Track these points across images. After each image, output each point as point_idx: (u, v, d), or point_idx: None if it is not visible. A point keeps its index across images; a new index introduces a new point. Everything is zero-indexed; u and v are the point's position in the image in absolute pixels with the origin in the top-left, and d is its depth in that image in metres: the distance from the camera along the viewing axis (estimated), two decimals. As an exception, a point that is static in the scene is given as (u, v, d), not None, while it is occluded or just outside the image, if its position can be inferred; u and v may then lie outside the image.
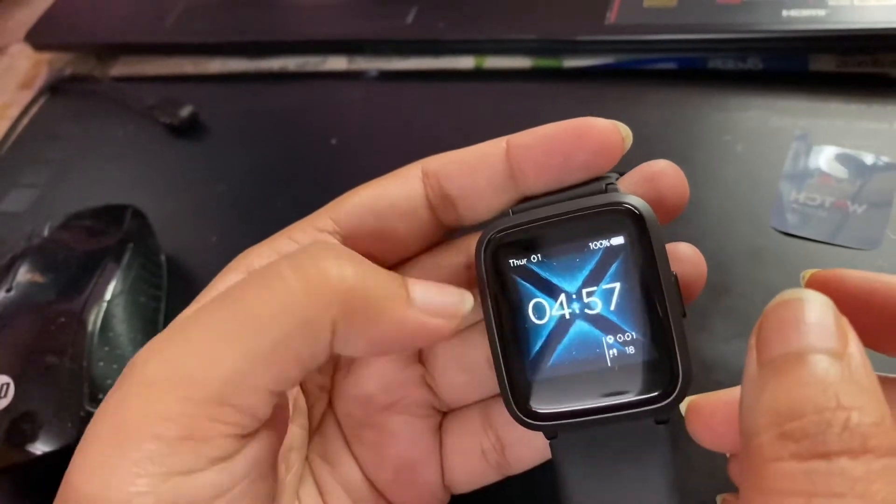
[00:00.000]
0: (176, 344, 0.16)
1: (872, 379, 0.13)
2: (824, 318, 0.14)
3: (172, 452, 0.15)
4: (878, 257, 0.29)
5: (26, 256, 0.31)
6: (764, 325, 0.15)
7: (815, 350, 0.14)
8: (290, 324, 0.16)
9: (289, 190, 0.39)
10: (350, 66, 0.44)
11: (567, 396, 0.19)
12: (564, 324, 0.19)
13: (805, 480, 0.12)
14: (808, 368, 0.13)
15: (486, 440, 0.23)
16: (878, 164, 0.32)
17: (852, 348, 0.14)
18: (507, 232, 0.20)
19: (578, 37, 0.39)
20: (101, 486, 0.15)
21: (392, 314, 0.18)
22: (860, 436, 0.12)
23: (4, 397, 0.27)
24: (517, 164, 0.20)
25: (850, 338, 0.14)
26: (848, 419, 0.13)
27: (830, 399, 0.13)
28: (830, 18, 0.34)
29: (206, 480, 0.16)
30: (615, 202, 0.19)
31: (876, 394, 0.13)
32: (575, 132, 0.20)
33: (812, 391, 0.13)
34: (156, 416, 0.15)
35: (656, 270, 0.19)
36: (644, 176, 0.21)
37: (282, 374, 0.17)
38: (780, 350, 0.14)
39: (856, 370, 0.13)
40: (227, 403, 0.16)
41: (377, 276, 0.18)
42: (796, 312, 0.14)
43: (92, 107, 0.46)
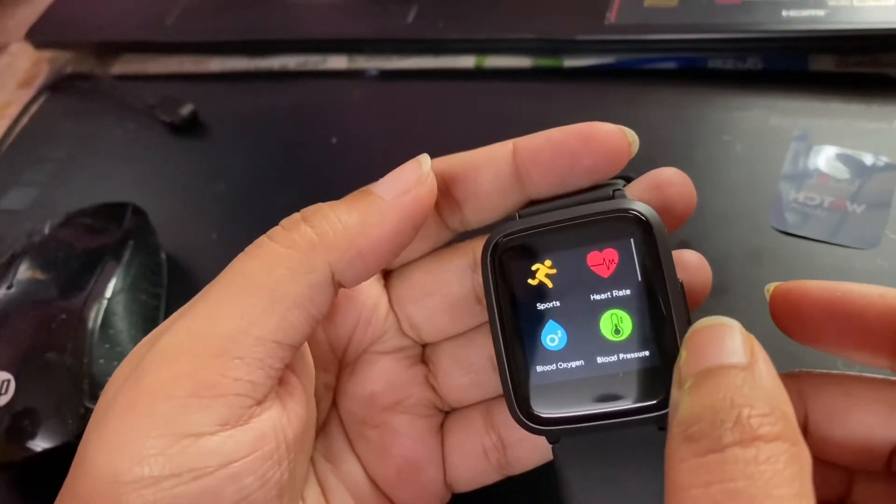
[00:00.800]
0: (182, 318, 0.17)
1: (774, 382, 0.15)
2: (732, 339, 0.16)
3: (183, 411, 0.16)
4: (876, 256, 0.29)
5: (27, 254, 0.31)
6: (682, 352, 0.16)
7: (722, 365, 0.15)
8: (281, 274, 0.17)
9: (289, 188, 0.39)
10: (350, 65, 0.44)
11: (570, 401, 0.19)
12: (569, 329, 0.19)
13: (703, 472, 0.14)
14: (715, 380, 0.15)
15: (487, 440, 0.23)
16: (878, 163, 0.32)
17: (759, 363, 0.15)
18: (513, 236, 0.20)
19: (579, 36, 0.39)
20: (114, 450, 0.16)
21: (370, 222, 0.19)
22: (749, 427, 0.14)
23: (5, 394, 0.27)
24: (523, 166, 0.20)
25: (757, 354, 0.15)
26: (739, 414, 0.14)
27: (726, 401, 0.14)
28: (830, 18, 0.35)
29: (213, 445, 0.16)
30: (622, 209, 0.19)
31: (772, 391, 0.15)
32: (581, 136, 0.20)
33: (713, 398, 0.15)
34: (168, 377, 0.16)
35: (663, 277, 0.19)
36: (652, 183, 0.21)
37: (284, 323, 0.17)
38: (693, 370, 0.16)
39: (759, 379, 0.15)
40: (234, 356, 0.17)
41: (347, 208, 0.19)
42: (708, 337, 0.16)
43: (92, 105, 0.46)
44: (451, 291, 0.23)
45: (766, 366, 0.15)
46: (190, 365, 0.16)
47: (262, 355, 0.17)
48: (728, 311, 0.29)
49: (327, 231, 0.18)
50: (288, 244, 0.18)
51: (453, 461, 0.23)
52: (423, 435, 0.23)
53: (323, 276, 0.18)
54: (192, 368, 0.16)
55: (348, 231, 0.18)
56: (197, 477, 0.16)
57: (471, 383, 0.23)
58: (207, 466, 0.16)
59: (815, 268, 0.29)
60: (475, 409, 0.23)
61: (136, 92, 0.45)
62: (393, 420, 0.23)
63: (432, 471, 0.23)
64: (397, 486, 0.23)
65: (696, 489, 0.14)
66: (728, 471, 0.13)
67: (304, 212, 0.19)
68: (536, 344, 0.20)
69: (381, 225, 0.19)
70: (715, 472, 0.14)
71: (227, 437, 0.16)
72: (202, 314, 0.17)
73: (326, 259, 0.18)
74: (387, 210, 0.19)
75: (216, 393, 0.16)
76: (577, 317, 0.19)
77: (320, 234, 0.18)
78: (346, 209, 0.19)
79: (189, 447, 0.16)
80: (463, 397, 0.23)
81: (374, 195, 0.19)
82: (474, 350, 0.23)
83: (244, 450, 0.17)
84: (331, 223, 0.18)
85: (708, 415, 0.14)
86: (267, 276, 0.17)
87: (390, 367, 0.23)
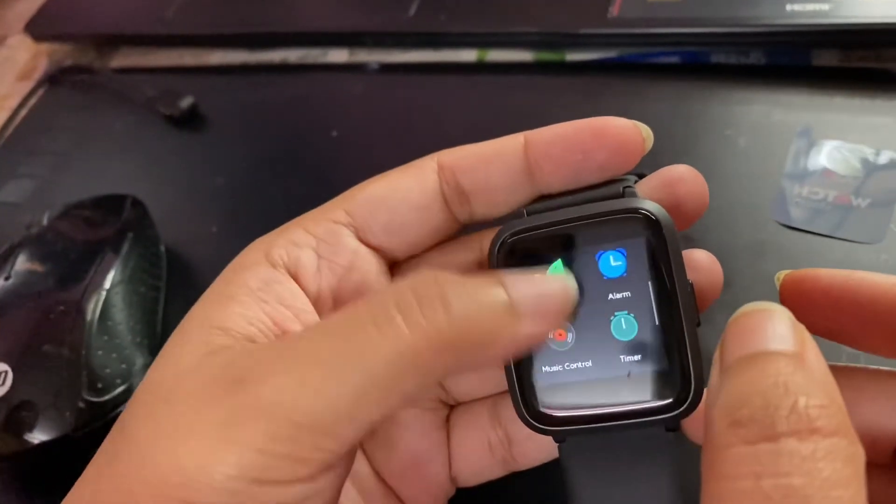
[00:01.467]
0: (286, 372, 0.16)
1: (827, 375, 0.14)
2: (780, 325, 0.15)
3: (270, 466, 0.16)
4: (881, 251, 0.29)
5: (25, 245, 0.31)
6: (725, 337, 0.15)
7: (769, 351, 0.14)
8: (400, 368, 0.16)
9: (289, 182, 0.38)
10: (351, 58, 0.44)
11: (577, 401, 0.19)
12: (577, 329, 0.19)
13: (753, 462, 0.13)
14: (761, 365, 0.14)
15: (493, 435, 0.22)
16: (882, 158, 0.32)
17: (809, 353, 0.14)
18: (521, 234, 0.20)
19: (581, 30, 0.39)
20: (189, 472, 0.15)
21: (502, 341, 0.17)
22: (807, 417, 0.13)
23: (2, 385, 0.27)
24: (535, 159, 0.20)
25: (807, 344, 0.14)
26: (795, 403, 0.13)
27: (779, 387, 0.13)
28: (834, 13, 0.34)
29: (288, 493, 0.16)
30: (633, 208, 0.19)
31: (827, 384, 0.14)
32: (594, 130, 0.19)
33: (763, 383, 0.14)
34: (264, 433, 0.16)
35: (672, 278, 0.18)
36: (663, 181, 0.20)
37: (386, 411, 0.17)
38: (737, 354, 0.15)
39: (812, 369, 0.14)
40: (330, 433, 0.16)
41: (484, 307, 0.17)
42: (754, 322, 0.15)
43: (91, 98, 0.46)
44: None
45: (818, 356, 0.14)
46: (290, 429, 0.16)
47: (355, 435, 0.17)
48: (731, 304, 0.29)
49: (458, 329, 0.16)
50: (420, 334, 0.16)
51: (458, 455, 0.23)
52: (428, 429, 0.23)
53: (441, 377, 0.17)
54: (290, 435, 0.16)
55: (476, 335, 0.17)
56: None
57: (477, 378, 0.23)
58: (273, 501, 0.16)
59: (819, 262, 0.29)
60: (481, 405, 0.23)
61: (135, 85, 0.44)
62: (398, 413, 0.23)
63: (437, 465, 0.23)
64: (402, 479, 0.23)
65: (746, 481, 0.13)
66: (783, 464, 0.12)
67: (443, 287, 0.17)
68: (544, 343, 0.19)
69: (506, 348, 0.17)
70: (767, 463, 0.12)
71: (301, 488, 0.16)
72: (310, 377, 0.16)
73: (446, 365, 0.17)
74: (518, 335, 0.17)
75: (303, 459, 0.16)
76: (586, 316, 0.19)
77: (453, 328, 0.16)
78: (485, 310, 0.17)
79: (262, 489, 0.16)
80: (469, 392, 0.23)
81: (515, 311, 0.17)
82: None
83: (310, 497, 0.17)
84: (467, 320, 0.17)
85: (758, 399, 0.13)
86: (392, 369, 0.16)
87: None
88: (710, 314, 0.20)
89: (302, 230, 0.21)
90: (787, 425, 0.13)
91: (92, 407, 0.27)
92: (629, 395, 0.19)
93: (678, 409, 0.18)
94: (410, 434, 0.22)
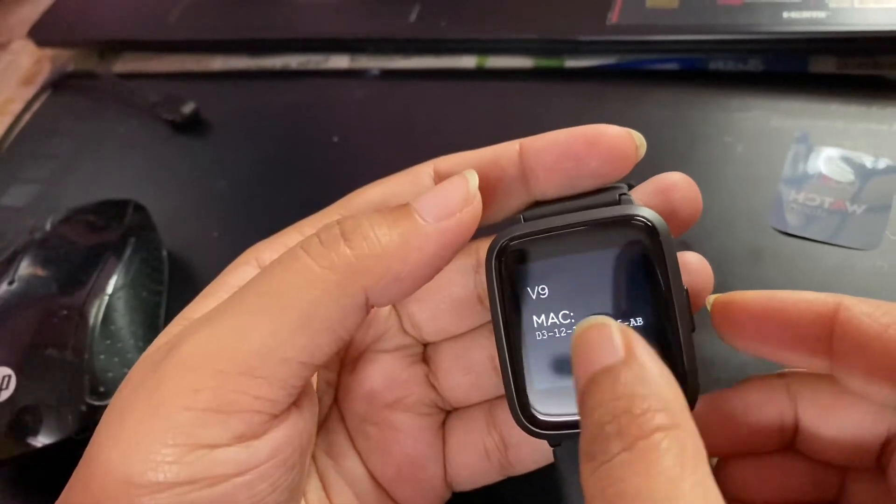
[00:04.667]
0: (209, 325, 0.17)
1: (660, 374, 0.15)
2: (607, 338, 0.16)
3: (201, 424, 0.16)
4: (877, 258, 0.29)
5: (28, 250, 0.32)
6: None
7: (600, 370, 0.15)
8: (316, 296, 0.17)
9: (290, 187, 0.39)
10: (352, 64, 0.44)
11: (572, 405, 0.19)
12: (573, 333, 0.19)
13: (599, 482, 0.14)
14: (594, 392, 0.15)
15: (489, 440, 0.23)
16: (878, 165, 0.32)
17: (637, 353, 0.15)
18: (518, 240, 0.20)
19: (580, 37, 0.39)
20: (129, 453, 0.16)
21: (411, 245, 0.18)
22: (635, 428, 0.14)
23: (6, 389, 0.27)
24: (529, 166, 0.20)
25: (634, 345, 0.15)
26: (621, 421, 0.14)
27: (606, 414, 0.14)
28: (831, 20, 0.35)
29: (229, 455, 0.16)
30: (630, 215, 0.19)
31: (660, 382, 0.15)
32: (588, 138, 0.20)
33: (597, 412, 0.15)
34: (188, 388, 0.16)
35: (668, 284, 0.19)
36: (657, 188, 0.21)
37: (312, 345, 0.17)
38: (579, 387, 0.16)
39: (642, 371, 0.15)
40: (258, 375, 0.16)
41: (383, 225, 0.18)
42: (580, 347, 0.16)
43: (94, 103, 0.46)
44: (453, 291, 0.23)
45: (647, 355, 0.15)
46: (213, 379, 0.16)
47: (285, 375, 0.17)
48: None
49: (366, 254, 0.17)
50: (325, 264, 0.17)
51: (454, 460, 0.23)
52: (423, 433, 0.23)
53: (357, 300, 0.18)
54: (215, 383, 0.16)
55: (387, 254, 0.17)
56: (211, 484, 0.16)
57: (471, 383, 0.23)
58: (222, 474, 0.16)
59: (816, 268, 0.29)
60: (477, 409, 0.23)
61: (138, 90, 0.45)
62: (394, 418, 0.23)
63: (433, 469, 0.23)
64: (397, 483, 0.23)
65: (596, 500, 0.14)
66: (617, 474, 0.14)
67: (342, 226, 0.18)
68: (539, 348, 0.20)
69: (423, 250, 0.18)
70: (607, 477, 0.14)
71: (242, 448, 0.16)
72: (229, 325, 0.17)
73: (363, 283, 0.17)
74: (429, 234, 0.18)
75: (235, 409, 0.16)
76: (582, 321, 0.19)
77: (359, 256, 0.17)
78: (387, 229, 0.18)
79: (204, 457, 0.16)
80: (464, 397, 0.23)
81: (417, 216, 0.18)
82: (475, 350, 0.23)
83: (259, 459, 0.17)
84: (370, 244, 0.17)
85: (596, 430, 0.14)
86: (301, 295, 0.17)
87: (391, 365, 0.23)
88: (706, 319, 0.20)
89: (297, 234, 0.21)
90: (619, 445, 0.14)
91: (94, 410, 0.28)
92: None
93: None
94: (405, 438, 0.23)
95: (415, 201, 0.19)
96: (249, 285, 0.18)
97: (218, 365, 0.16)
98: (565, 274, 0.20)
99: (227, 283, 0.20)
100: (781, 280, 0.29)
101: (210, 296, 0.20)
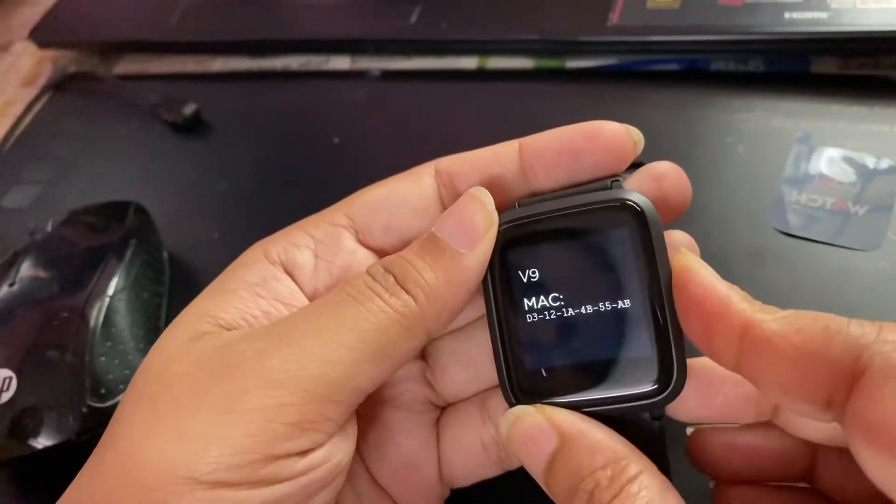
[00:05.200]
0: (292, 344, 0.18)
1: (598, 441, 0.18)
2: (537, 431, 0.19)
3: (279, 436, 0.17)
4: (879, 258, 0.29)
5: (29, 252, 0.31)
6: None
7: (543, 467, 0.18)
8: (391, 337, 0.18)
9: (291, 188, 0.39)
10: (353, 65, 0.44)
11: (566, 389, 0.19)
12: (565, 318, 0.20)
13: None
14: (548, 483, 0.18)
15: (485, 433, 0.23)
16: (880, 166, 0.32)
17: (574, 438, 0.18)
18: (510, 225, 0.20)
19: (581, 37, 0.39)
20: (197, 450, 0.16)
21: (456, 282, 0.19)
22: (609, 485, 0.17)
23: (7, 391, 0.27)
24: (529, 163, 0.21)
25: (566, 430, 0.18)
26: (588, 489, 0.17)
27: None
28: (833, 21, 0.35)
29: (289, 465, 0.17)
30: (618, 199, 0.19)
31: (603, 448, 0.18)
32: (586, 134, 0.20)
33: None
34: (275, 402, 0.17)
35: (656, 266, 0.19)
36: (650, 175, 0.21)
37: (378, 377, 0.19)
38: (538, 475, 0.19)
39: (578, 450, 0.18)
40: (335, 400, 0.18)
41: (433, 272, 0.19)
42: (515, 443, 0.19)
43: (95, 104, 0.46)
44: None
45: (582, 429, 0.18)
46: (297, 398, 0.17)
47: (353, 401, 0.19)
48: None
49: (423, 300, 0.19)
50: (396, 310, 0.19)
51: (451, 457, 0.23)
52: (417, 431, 0.23)
53: (422, 340, 0.19)
54: (299, 401, 0.17)
55: (440, 296, 0.19)
56: (270, 485, 0.17)
57: (469, 378, 0.23)
58: (283, 479, 0.17)
59: (818, 269, 0.29)
60: (470, 403, 0.23)
61: (139, 91, 0.45)
62: (389, 416, 0.23)
63: (427, 467, 0.23)
64: (394, 482, 0.23)
65: None
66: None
67: (393, 271, 0.19)
68: (533, 332, 0.20)
69: (468, 283, 0.19)
70: None
71: (306, 459, 0.18)
72: (315, 352, 0.18)
73: (425, 325, 0.19)
74: (470, 267, 0.19)
75: (310, 427, 0.18)
76: (573, 304, 0.20)
77: (420, 303, 0.19)
78: (432, 272, 0.19)
79: (272, 464, 0.17)
80: (459, 392, 0.24)
81: (452, 251, 0.19)
82: (474, 345, 0.23)
83: (311, 468, 0.18)
84: (425, 291, 0.19)
85: None
86: (379, 336, 0.18)
87: None
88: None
89: (302, 232, 0.22)
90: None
91: (95, 412, 0.28)
92: (615, 383, 0.19)
93: (661, 396, 0.19)
94: (400, 437, 0.23)
95: (441, 231, 0.20)
96: (324, 310, 0.19)
97: (304, 386, 0.17)
98: (555, 258, 0.20)
99: (244, 280, 0.21)
100: (783, 280, 0.29)
101: (227, 292, 0.20)
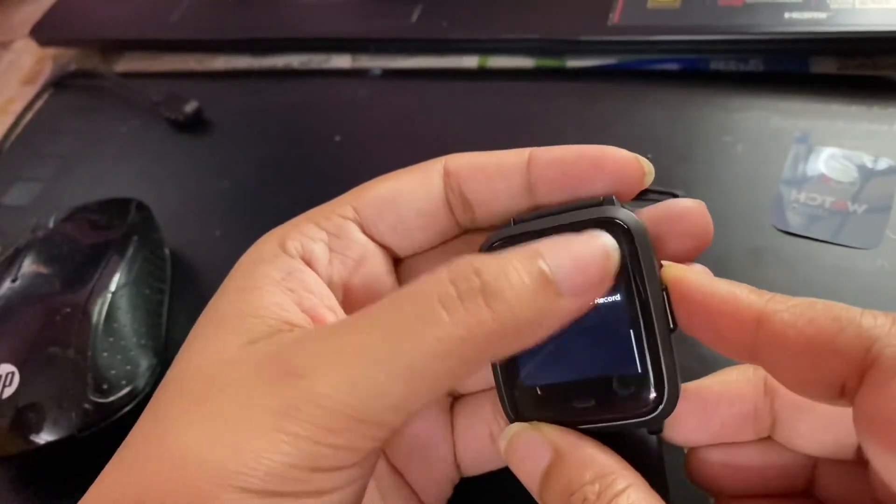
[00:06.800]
0: (344, 367, 0.17)
1: (586, 457, 0.18)
2: (534, 446, 0.19)
3: (324, 456, 0.16)
4: (877, 257, 0.29)
5: (31, 248, 0.32)
6: None
7: (540, 484, 0.18)
8: (449, 368, 0.17)
9: (292, 186, 0.39)
10: (354, 64, 0.44)
11: (562, 406, 0.19)
12: (558, 337, 0.19)
13: None
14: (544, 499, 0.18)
15: (496, 426, 0.23)
16: (878, 165, 0.32)
17: (565, 452, 0.18)
18: (502, 241, 0.20)
19: (582, 37, 0.39)
20: (243, 461, 0.16)
21: (543, 322, 0.17)
22: None
23: (9, 386, 0.27)
24: (534, 178, 0.21)
25: (560, 445, 0.18)
26: None
27: None
28: (832, 21, 0.35)
29: (328, 477, 0.17)
30: (606, 217, 0.19)
31: (591, 463, 0.18)
32: (594, 159, 0.20)
33: None
34: (324, 427, 0.16)
35: (644, 284, 0.19)
36: (666, 215, 0.20)
37: (426, 403, 0.18)
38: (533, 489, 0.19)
39: (571, 466, 0.18)
40: (382, 424, 0.17)
41: (525, 295, 0.17)
42: (513, 459, 0.19)
43: (96, 102, 0.46)
44: None
45: (573, 446, 0.18)
46: (346, 423, 0.16)
47: (399, 424, 0.17)
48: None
49: (503, 321, 0.16)
50: (463, 332, 0.16)
51: (462, 444, 0.23)
52: (433, 415, 0.23)
53: (481, 369, 0.18)
54: (347, 427, 0.16)
55: (520, 327, 0.17)
56: (297, 497, 0.17)
57: (483, 371, 0.23)
58: (314, 491, 0.17)
59: (817, 268, 0.29)
60: (484, 396, 0.24)
61: (140, 89, 0.45)
62: None
63: (442, 450, 0.23)
64: (408, 462, 0.23)
65: None
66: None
67: (482, 277, 0.16)
68: (528, 351, 0.19)
69: (552, 327, 0.17)
70: None
71: (340, 472, 0.17)
72: (366, 381, 0.16)
73: (492, 354, 0.17)
74: (563, 314, 0.17)
75: (356, 446, 0.17)
76: None
77: (497, 322, 0.16)
78: (528, 300, 0.16)
79: (311, 476, 0.17)
80: (473, 385, 0.24)
81: (556, 289, 0.17)
82: None
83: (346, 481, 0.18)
84: (510, 312, 0.16)
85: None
86: (436, 366, 0.16)
87: None
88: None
89: (313, 224, 0.21)
90: None
91: (97, 408, 0.28)
92: (610, 399, 0.19)
93: (655, 413, 0.19)
94: (416, 419, 0.23)
95: (555, 264, 0.17)
96: (379, 324, 0.17)
97: (354, 414, 0.16)
98: None
99: (268, 276, 0.20)
100: (782, 278, 0.29)
101: (259, 289, 0.20)
